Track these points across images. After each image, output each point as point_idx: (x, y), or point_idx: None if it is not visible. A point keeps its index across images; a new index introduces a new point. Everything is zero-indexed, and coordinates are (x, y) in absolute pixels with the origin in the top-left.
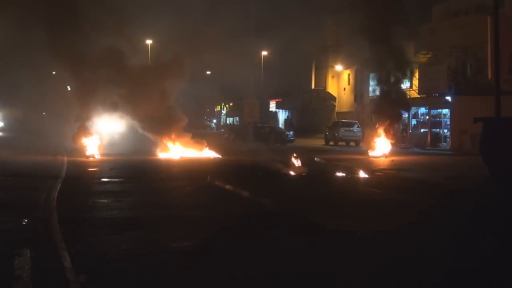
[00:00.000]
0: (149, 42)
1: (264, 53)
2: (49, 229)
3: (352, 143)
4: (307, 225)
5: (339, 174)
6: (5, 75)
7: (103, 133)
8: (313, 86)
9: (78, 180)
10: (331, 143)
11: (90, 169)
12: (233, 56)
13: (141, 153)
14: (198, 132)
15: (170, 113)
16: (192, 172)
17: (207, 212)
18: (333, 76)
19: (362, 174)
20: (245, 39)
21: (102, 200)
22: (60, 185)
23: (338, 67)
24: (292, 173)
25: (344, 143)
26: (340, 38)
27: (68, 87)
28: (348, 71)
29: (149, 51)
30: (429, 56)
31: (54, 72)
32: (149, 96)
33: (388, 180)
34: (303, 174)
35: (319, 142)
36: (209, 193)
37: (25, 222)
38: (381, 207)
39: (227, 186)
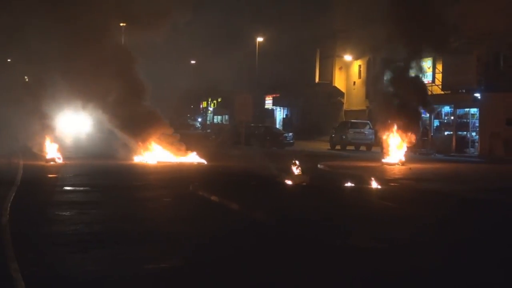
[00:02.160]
0: (122, 24)
1: (260, 39)
2: None
3: (363, 148)
4: (303, 242)
5: (346, 184)
6: None
7: (69, 133)
8: (317, 80)
9: (36, 188)
10: (338, 147)
11: (50, 175)
12: (222, 42)
13: (113, 157)
14: (179, 132)
15: (145, 109)
16: (172, 180)
17: (187, 227)
18: (341, 68)
19: (373, 185)
20: (237, 21)
21: (64, 213)
22: (14, 194)
23: (347, 57)
24: (290, 182)
25: (353, 148)
26: (350, 22)
27: (26, 77)
28: (359, 62)
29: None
30: (455, 44)
31: (9, 60)
32: (120, 85)
33: (404, 192)
34: (304, 183)
35: (323, 146)
36: (191, 204)
37: None
38: (394, 223)
39: (213, 197)
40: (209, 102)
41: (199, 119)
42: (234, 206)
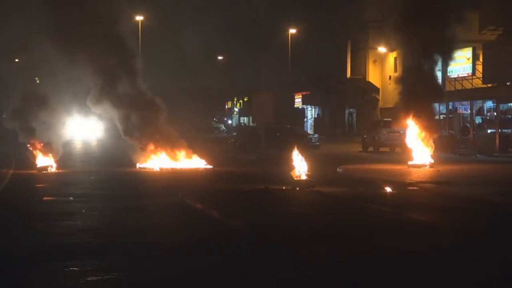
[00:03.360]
0: (139, 18)
1: (292, 31)
2: None
3: (398, 149)
4: (271, 252)
5: (357, 189)
6: None
7: (70, 139)
8: (348, 75)
9: (14, 199)
10: (371, 148)
11: (37, 185)
12: (250, 39)
13: (116, 164)
14: (201, 137)
15: (154, 112)
16: (166, 188)
17: (156, 237)
18: (375, 61)
19: (388, 189)
20: (266, 13)
21: (31, 225)
22: None
23: (381, 49)
24: (295, 188)
25: (388, 149)
26: (384, 11)
27: (37, 79)
28: (394, 54)
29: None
30: (498, 32)
31: (17, 60)
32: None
33: (417, 197)
34: (307, 189)
35: (355, 148)
36: (172, 214)
37: None
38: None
39: (198, 205)
40: (234, 102)
41: (229, 121)
42: (215, 215)
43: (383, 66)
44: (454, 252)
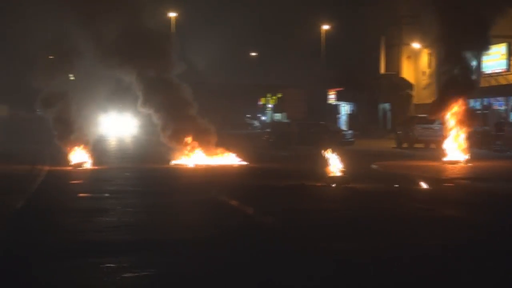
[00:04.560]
0: (173, 15)
1: (326, 27)
2: None
3: (433, 145)
4: (303, 246)
5: (392, 185)
6: None
7: (105, 136)
8: (382, 71)
9: (49, 195)
10: (405, 145)
11: (72, 182)
12: (283, 34)
13: (151, 161)
14: (234, 133)
15: (188, 109)
16: (201, 184)
17: (192, 234)
18: (409, 57)
19: (423, 185)
20: (297, 9)
21: (66, 221)
22: (23, 202)
23: (415, 45)
24: (330, 184)
25: (422, 145)
26: (418, 6)
27: (72, 76)
28: (428, 50)
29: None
30: None
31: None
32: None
33: (452, 193)
34: (345, 185)
35: (389, 144)
36: (206, 210)
37: None
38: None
39: (232, 202)
40: (268, 99)
41: (263, 118)
42: (249, 211)
43: (417, 62)
44: (489, 249)
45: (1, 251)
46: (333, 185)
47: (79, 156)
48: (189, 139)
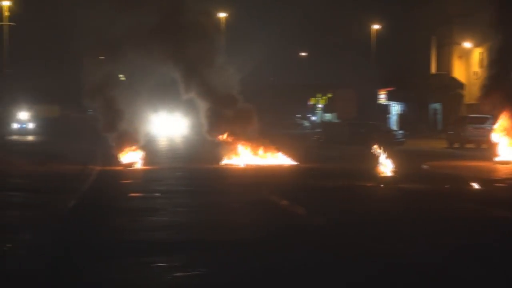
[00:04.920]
0: (223, 15)
1: (376, 26)
2: (32, 254)
3: (484, 145)
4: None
5: (443, 186)
6: (39, 64)
7: (155, 135)
8: (433, 70)
9: (101, 195)
10: (456, 145)
11: (122, 181)
12: (333, 34)
13: (201, 161)
14: (285, 133)
15: (239, 109)
16: (251, 184)
17: (243, 234)
18: (460, 56)
19: (475, 186)
20: (348, 8)
21: (118, 220)
22: (74, 201)
23: (467, 44)
24: (380, 184)
25: (473, 145)
26: (468, 4)
27: (122, 75)
28: (480, 49)
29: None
30: None
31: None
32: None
33: (504, 194)
34: (395, 186)
35: (440, 144)
36: (256, 210)
37: (6, 247)
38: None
39: (283, 202)
40: (318, 99)
41: (313, 118)
42: (300, 211)
43: (468, 61)
44: None
45: (54, 250)
46: (384, 186)
47: (130, 156)
48: (239, 139)
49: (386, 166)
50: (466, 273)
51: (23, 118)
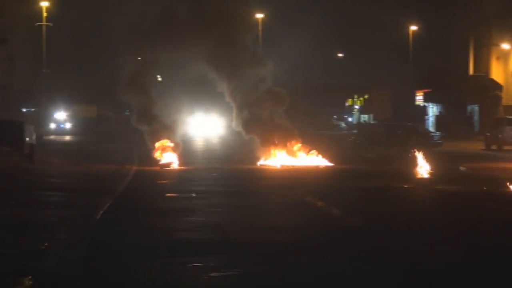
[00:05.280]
0: (259, 15)
1: (413, 27)
2: (68, 254)
3: None
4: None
5: (480, 188)
6: (77, 64)
7: (192, 136)
8: (471, 72)
9: (137, 195)
10: (494, 147)
11: (159, 182)
12: (370, 34)
13: (238, 161)
14: (321, 134)
15: (275, 110)
16: (287, 185)
17: (278, 235)
18: (498, 58)
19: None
20: (385, 9)
21: (154, 220)
22: (111, 201)
23: (505, 45)
24: (417, 186)
25: (511, 147)
26: (507, 6)
27: (159, 76)
28: None
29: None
30: None
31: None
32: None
33: None
34: (432, 187)
35: (477, 146)
36: (291, 211)
37: (44, 246)
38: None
39: (319, 203)
40: (354, 100)
41: (350, 119)
42: (336, 212)
43: (507, 62)
44: None
45: (90, 249)
46: (420, 187)
47: (166, 156)
48: (276, 140)
49: (422, 168)
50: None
51: (61, 118)
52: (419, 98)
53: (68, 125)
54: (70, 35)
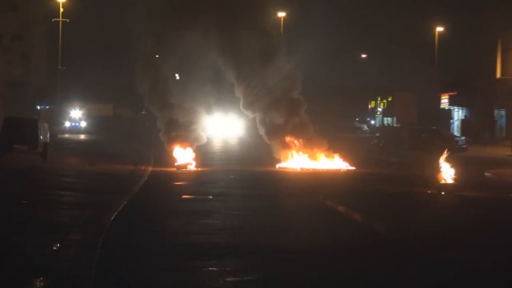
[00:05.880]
0: (281, 14)
1: (439, 29)
2: (81, 255)
3: None
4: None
5: (506, 194)
6: (93, 62)
7: (210, 137)
8: (498, 75)
9: (152, 196)
10: None
11: (176, 183)
12: (394, 36)
13: (257, 164)
14: (343, 137)
15: (296, 112)
16: (307, 188)
17: (297, 240)
18: None
19: None
20: (410, 10)
21: (169, 223)
22: (126, 202)
23: None
24: (441, 192)
25: None
26: None
27: (177, 75)
28: None
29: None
30: None
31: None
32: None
33: None
34: (456, 193)
35: (504, 151)
36: (311, 215)
37: (57, 246)
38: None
39: (339, 207)
40: (378, 102)
41: (373, 122)
42: (357, 218)
43: None
44: None
45: (103, 251)
46: (444, 193)
47: (183, 158)
48: (296, 142)
49: (447, 173)
50: None
51: (76, 117)
52: (444, 101)
53: (83, 124)
54: (87, 32)
